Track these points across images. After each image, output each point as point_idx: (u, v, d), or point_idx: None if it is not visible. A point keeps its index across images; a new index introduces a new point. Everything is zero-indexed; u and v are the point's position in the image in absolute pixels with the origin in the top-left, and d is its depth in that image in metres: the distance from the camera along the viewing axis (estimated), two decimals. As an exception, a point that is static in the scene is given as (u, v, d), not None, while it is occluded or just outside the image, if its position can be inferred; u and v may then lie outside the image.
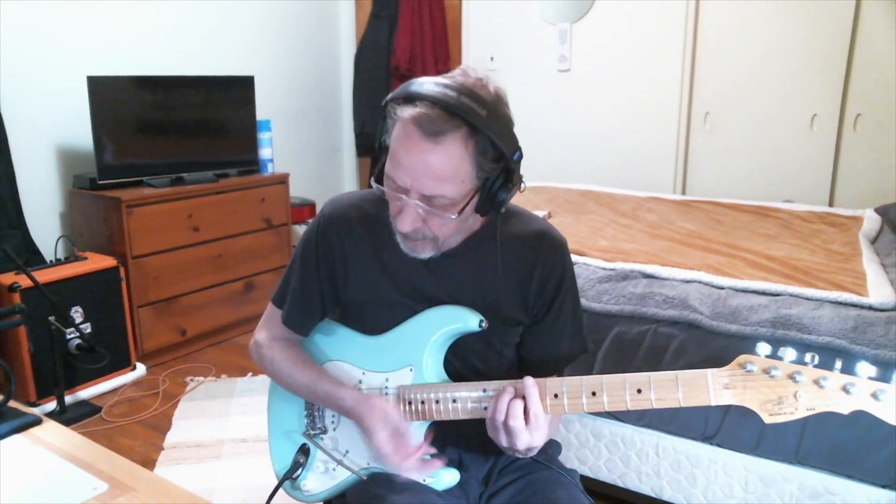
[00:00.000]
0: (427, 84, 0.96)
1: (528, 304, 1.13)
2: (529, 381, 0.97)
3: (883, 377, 0.85)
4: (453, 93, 0.94)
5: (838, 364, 0.87)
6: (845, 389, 0.85)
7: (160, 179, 3.03)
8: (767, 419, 0.89)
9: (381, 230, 1.13)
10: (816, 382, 0.87)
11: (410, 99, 0.96)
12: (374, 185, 1.04)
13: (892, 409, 0.84)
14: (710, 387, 0.92)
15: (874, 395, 0.84)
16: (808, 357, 0.87)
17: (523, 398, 0.97)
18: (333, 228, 1.15)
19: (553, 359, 1.17)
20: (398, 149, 0.97)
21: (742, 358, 0.91)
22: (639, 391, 0.95)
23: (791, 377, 0.88)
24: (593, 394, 0.96)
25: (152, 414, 2.57)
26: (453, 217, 1.00)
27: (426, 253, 1.07)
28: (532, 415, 0.96)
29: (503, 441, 0.99)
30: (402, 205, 1.00)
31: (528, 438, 0.97)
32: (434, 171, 0.95)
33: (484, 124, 0.94)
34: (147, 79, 3.07)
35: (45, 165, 3.00)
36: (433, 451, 1.09)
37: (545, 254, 1.13)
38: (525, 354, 1.18)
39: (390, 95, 1.01)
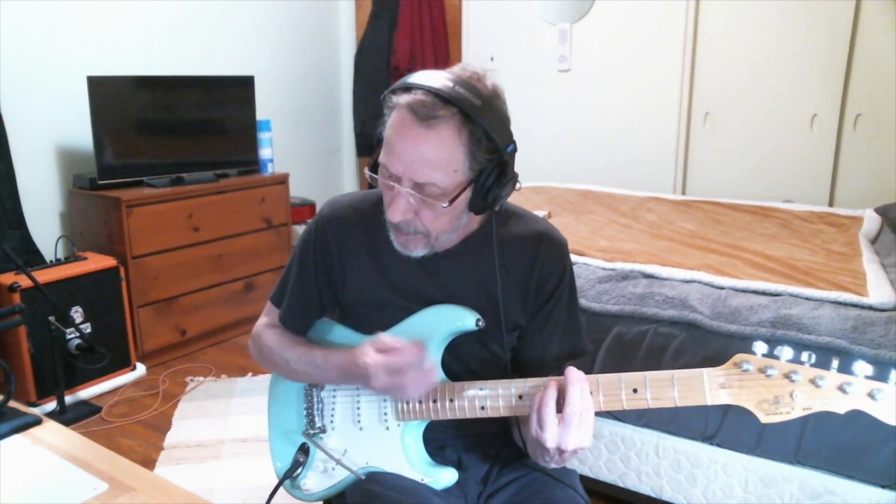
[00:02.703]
0: (425, 75, 0.99)
1: (527, 305, 1.13)
2: (578, 375, 0.93)
3: (880, 377, 0.84)
4: (449, 82, 0.96)
5: (835, 363, 0.86)
6: (842, 389, 0.85)
7: (160, 179, 3.03)
8: (764, 419, 0.89)
9: (379, 231, 1.13)
10: (813, 382, 0.86)
11: (407, 88, 0.98)
12: (367, 173, 1.05)
13: (888, 408, 0.83)
14: (706, 386, 0.91)
15: (871, 395, 0.84)
16: (804, 356, 0.87)
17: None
18: (331, 229, 1.15)
19: (544, 359, 1.15)
20: (392, 135, 0.98)
21: (738, 357, 0.90)
22: (635, 390, 0.94)
23: (787, 376, 0.88)
24: (590, 393, 0.96)
25: (152, 414, 2.58)
26: (444, 206, 0.98)
27: (418, 250, 1.06)
28: (582, 410, 0.91)
29: (551, 439, 0.92)
30: (393, 194, 1.00)
31: (576, 435, 0.92)
32: (426, 157, 0.96)
33: (478, 113, 0.95)
34: (147, 79, 3.08)
35: (45, 165, 3.00)
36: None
37: (545, 254, 1.13)
38: (517, 354, 1.17)
39: (390, 88, 1.02)
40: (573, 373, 0.94)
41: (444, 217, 1.02)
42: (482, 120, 0.95)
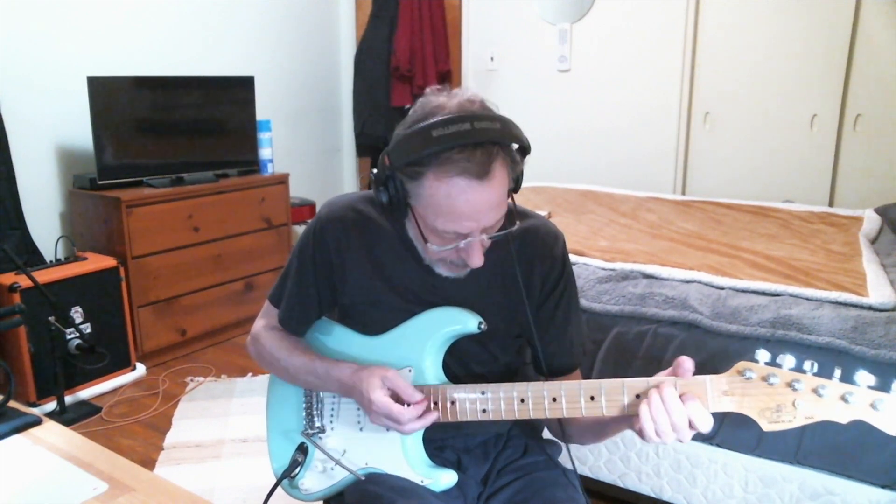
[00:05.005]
0: (435, 132, 0.91)
1: (532, 303, 1.13)
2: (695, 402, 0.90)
3: (882, 385, 0.84)
4: (466, 124, 0.91)
5: (837, 372, 0.86)
6: (844, 399, 0.85)
7: (160, 179, 3.03)
8: (766, 427, 0.88)
9: (378, 232, 1.13)
10: (815, 391, 0.86)
11: (432, 157, 0.91)
12: (430, 248, 1.01)
13: (890, 419, 0.83)
14: (709, 394, 0.91)
15: (873, 405, 0.83)
16: (807, 365, 0.87)
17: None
18: (330, 231, 1.14)
19: (561, 353, 1.16)
20: (453, 204, 0.93)
21: (741, 365, 0.90)
22: (637, 396, 0.94)
23: (790, 385, 0.87)
24: (591, 398, 0.96)
25: (152, 414, 2.58)
26: (515, 228, 1.03)
27: (467, 270, 1.06)
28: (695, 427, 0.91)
29: (654, 439, 0.92)
30: (465, 247, 0.99)
31: (686, 436, 0.92)
32: (494, 203, 0.96)
33: (508, 136, 0.94)
34: (147, 79, 3.08)
35: (45, 165, 3.00)
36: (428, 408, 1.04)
37: (542, 246, 1.13)
38: (519, 352, 1.18)
39: (403, 161, 0.94)
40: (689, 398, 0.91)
41: None
42: (510, 138, 0.95)
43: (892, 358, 1.50)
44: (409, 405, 1.01)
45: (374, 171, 1.01)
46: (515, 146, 0.98)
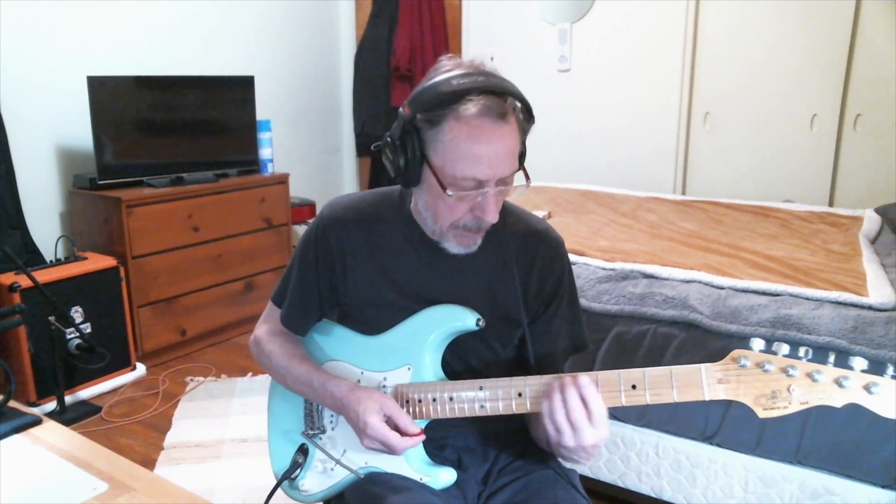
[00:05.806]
0: (455, 81, 0.97)
1: (528, 302, 1.14)
2: (586, 380, 0.95)
3: (877, 371, 0.85)
4: (482, 76, 0.98)
5: (832, 358, 0.87)
6: (838, 383, 0.85)
7: (160, 179, 3.03)
8: (761, 413, 0.89)
9: (380, 232, 1.13)
10: (810, 376, 0.87)
11: (454, 100, 0.96)
12: (448, 195, 0.99)
13: (884, 402, 0.83)
14: (704, 382, 0.92)
15: (867, 388, 0.84)
16: (801, 351, 0.87)
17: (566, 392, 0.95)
18: (332, 231, 1.15)
19: (551, 356, 1.17)
20: (471, 147, 0.96)
21: (736, 353, 0.91)
22: (633, 387, 0.95)
23: (784, 371, 0.88)
24: (598, 392, 0.96)
25: (152, 414, 2.58)
26: (527, 185, 1.06)
27: (478, 242, 1.08)
28: (594, 412, 0.94)
29: (569, 440, 0.94)
30: (480, 200, 1.00)
31: (592, 433, 0.94)
32: (510, 148, 0.99)
33: (514, 89, 1.00)
34: (147, 79, 3.08)
35: (45, 165, 3.00)
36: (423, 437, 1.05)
37: (544, 254, 1.14)
38: (523, 352, 1.18)
39: (424, 106, 0.97)
40: (581, 378, 0.95)
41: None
42: (518, 93, 1.00)
43: (892, 358, 1.50)
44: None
45: (387, 134, 1.03)
46: (522, 115, 1.02)
